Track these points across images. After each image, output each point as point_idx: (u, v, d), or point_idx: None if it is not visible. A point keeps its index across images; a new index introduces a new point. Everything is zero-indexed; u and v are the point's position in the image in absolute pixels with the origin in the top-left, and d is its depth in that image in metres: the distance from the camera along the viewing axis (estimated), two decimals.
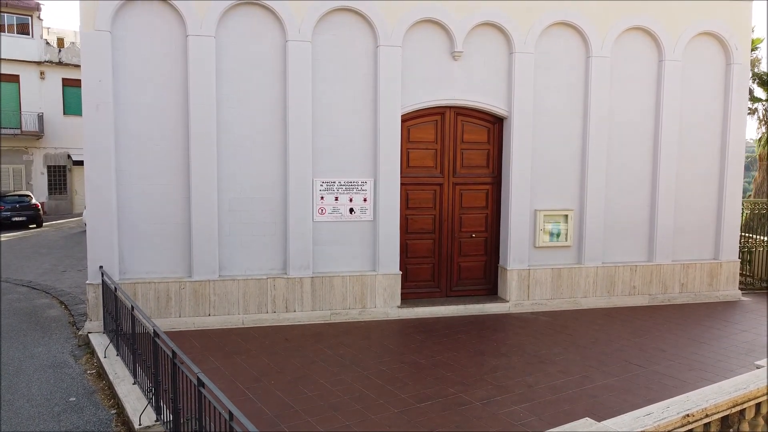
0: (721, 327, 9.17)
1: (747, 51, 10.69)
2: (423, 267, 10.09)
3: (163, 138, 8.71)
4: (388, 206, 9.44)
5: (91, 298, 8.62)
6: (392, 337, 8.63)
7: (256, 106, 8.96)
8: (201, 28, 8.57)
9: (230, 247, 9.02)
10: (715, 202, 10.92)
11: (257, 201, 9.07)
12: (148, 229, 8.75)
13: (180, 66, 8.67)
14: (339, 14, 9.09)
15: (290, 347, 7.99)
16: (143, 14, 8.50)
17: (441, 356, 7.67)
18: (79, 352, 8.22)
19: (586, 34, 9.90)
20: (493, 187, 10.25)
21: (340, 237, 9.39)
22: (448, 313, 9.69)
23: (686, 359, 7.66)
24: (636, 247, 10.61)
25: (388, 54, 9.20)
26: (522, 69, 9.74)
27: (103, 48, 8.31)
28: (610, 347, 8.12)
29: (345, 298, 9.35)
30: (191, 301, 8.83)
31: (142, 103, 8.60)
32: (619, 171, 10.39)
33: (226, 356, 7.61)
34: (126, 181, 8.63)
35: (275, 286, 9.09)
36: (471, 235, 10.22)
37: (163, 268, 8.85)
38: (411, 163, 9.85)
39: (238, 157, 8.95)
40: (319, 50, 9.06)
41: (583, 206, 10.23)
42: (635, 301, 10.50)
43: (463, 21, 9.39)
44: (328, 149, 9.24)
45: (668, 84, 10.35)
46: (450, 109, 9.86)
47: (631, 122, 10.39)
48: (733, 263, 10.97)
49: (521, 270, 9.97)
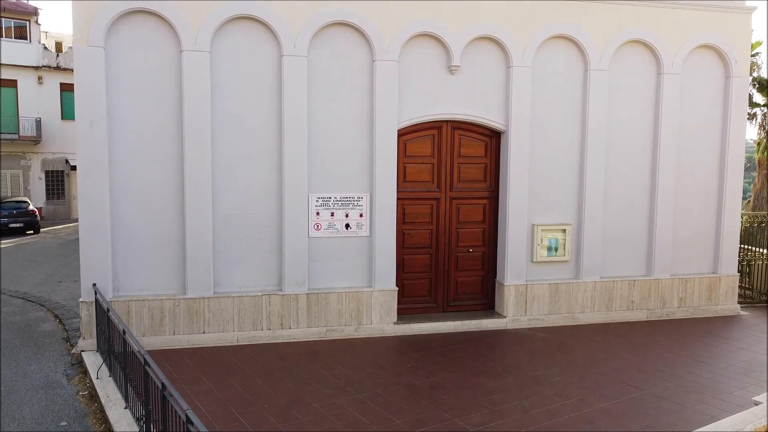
0: (719, 345, 9.09)
1: (746, 64, 10.62)
2: (420, 282, 10.02)
3: (157, 153, 8.63)
4: (384, 221, 9.36)
5: (84, 316, 8.55)
6: (388, 355, 8.55)
7: (251, 121, 8.89)
8: (195, 43, 8.50)
9: (225, 264, 8.95)
10: (714, 216, 10.83)
11: (252, 217, 8.99)
12: (142, 245, 8.68)
13: (174, 81, 8.59)
14: (335, 28, 9.01)
15: (285, 367, 7.92)
16: (137, 29, 8.42)
17: (437, 377, 7.60)
18: (72, 371, 8.15)
19: (584, 47, 9.82)
20: (490, 202, 10.17)
21: (336, 253, 9.32)
22: (445, 329, 9.61)
23: (684, 380, 7.59)
24: (634, 261, 10.53)
25: (384, 68, 9.13)
26: (519, 83, 9.66)
27: (97, 64, 8.23)
28: (607, 367, 8.04)
29: (341, 315, 9.28)
30: (185, 319, 8.76)
31: (136, 118, 8.52)
32: (618, 184, 10.31)
33: (220, 377, 7.54)
34: (120, 196, 8.56)
35: (270, 302, 9.01)
36: (468, 249, 10.14)
37: (157, 285, 8.78)
38: (407, 178, 9.77)
39: (232, 172, 8.88)
40: (315, 65, 8.99)
41: (581, 220, 10.15)
42: (633, 316, 10.42)
43: (460, 35, 9.31)
44: (323, 165, 9.16)
45: (667, 97, 10.27)
46: (447, 123, 9.78)
47: (629, 136, 10.31)
48: (732, 277, 10.89)
49: (518, 285, 9.90)
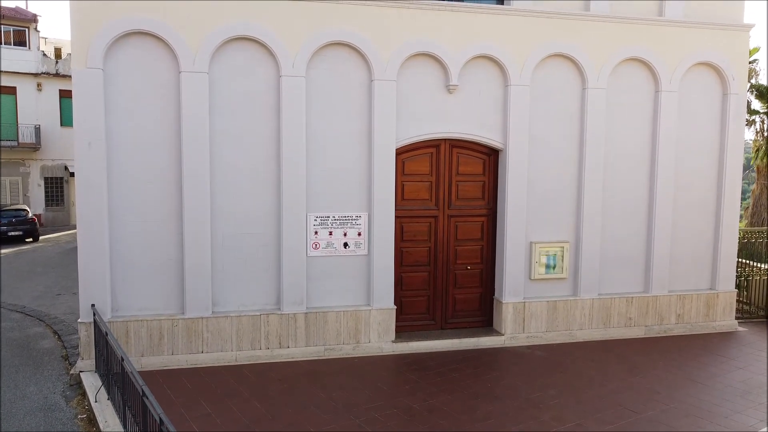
0: (716, 364, 9.11)
1: (744, 81, 10.63)
2: (418, 300, 10.04)
3: (156, 174, 8.65)
4: (382, 240, 9.38)
5: (83, 337, 8.56)
6: (386, 376, 8.57)
7: (249, 141, 8.91)
8: (194, 64, 8.52)
9: (223, 284, 8.97)
10: (712, 232, 10.85)
11: (251, 236, 9.01)
12: (140, 265, 8.70)
13: (173, 102, 8.61)
14: (333, 48, 9.03)
15: (283, 389, 7.93)
16: (135, 51, 8.44)
17: (434, 400, 7.61)
18: (70, 392, 8.16)
19: (582, 65, 9.84)
20: (488, 219, 10.19)
21: (334, 272, 9.34)
22: (443, 347, 9.63)
23: (681, 403, 7.60)
24: (632, 278, 10.55)
25: (382, 88, 9.15)
26: (517, 101, 9.68)
27: (95, 85, 8.25)
28: (605, 389, 8.06)
29: (339, 334, 9.30)
30: (184, 338, 8.78)
31: (134, 138, 8.54)
32: (615, 202, 10.33)
33: (218, 400, 7.55)
34: (118, 216, 8.58)
35: (269, 322, 9.03)
36: (466, 267, 10.16)
37: (155, 305, 8.80)
38: (406, 196, 9.80)
39: (231, 192, 8.90)
40: (313, 84, 9.01)
41: (578, 238, 10.17)
42: (631, 333, 10.44)
43: (458, 54, 9.33)
44: (322, 184, 9.18)
45: (665, 114, 10.29)
46: (445, 141, 9.80)
47: (627, 153, 10.33)
48: (729, 293, 10.91)
49: (516, 303, 9.92)
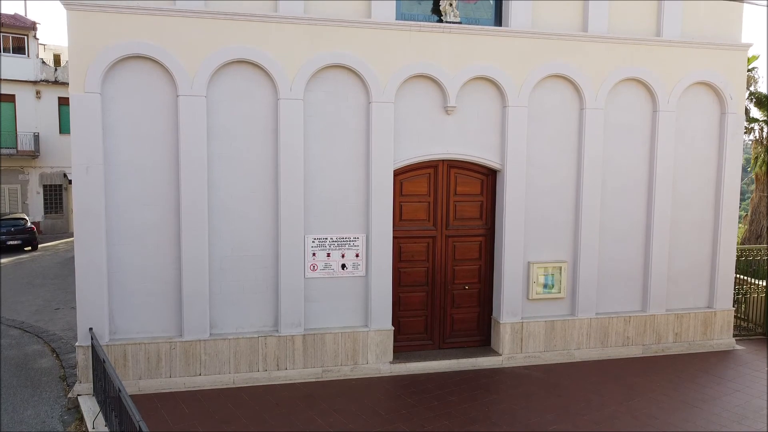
0: (713, 385, 9.12)
1: (742, 101, 10.65)
2: (416, 320, 10.04)
3: (154, 197, 8.66)
4: (380, 261, 9.38)
5: (81, 360, 8.57)
6: (383, 400, 8.56)
7: (247, 163, 8.91)
8: (192, 88, 8.52)
9: (221, 306, 8.97)
10: (710, 251, 10.86)
11: (248, 259, 9.02)
12: (138, 288, 8.70)
13: (170, 125, 8.62)
14: (331, 71, 9.04)
15: (281, 414, 7.94)
16: (133, 75, 8.45)
17: (432, 425, 7.62)
18: (68, 417, 8.16)
19: (580, 86, 9.85)
20: (486, 239, 10.20)
21: (332, 293, 9.34)
22: (441, 368, 9.64)
23: (678, 428, 7.61)
24: (630, 296, 10.57)
25: (380, 110, 9.16)
26: (515, 122, 9.69)
27: (93, 110, 8.25)
28: (602, 413, 8.07)
29: (337, 355, 9.31)
30: (181, 361, 8.78)
31: (132, 162, 8.54)
32: (613, 221, 10.34)
33: (216, 426, 7.56)
34: (116, 240, 8.58)
35: (266, 344, 9.04)
36: (464, 286, 10.17)
37: (153, 328, 8.81)
38: (404, 216, 9.80)
39: (229, 215, 8.91)
40: (311, 107, 9.02)
41: (576, 257, 10.18)
42: (629, 351, 10.45)
43: (456, 76, 9.34)
44: (320, 206, 9.19)
45: (663, 134, 10.30)
46: (443, 162, 9.81)
47: (625, 172, 10.34)
48: (727, 312, 10.92)
49: (514, 323, 9.93)
